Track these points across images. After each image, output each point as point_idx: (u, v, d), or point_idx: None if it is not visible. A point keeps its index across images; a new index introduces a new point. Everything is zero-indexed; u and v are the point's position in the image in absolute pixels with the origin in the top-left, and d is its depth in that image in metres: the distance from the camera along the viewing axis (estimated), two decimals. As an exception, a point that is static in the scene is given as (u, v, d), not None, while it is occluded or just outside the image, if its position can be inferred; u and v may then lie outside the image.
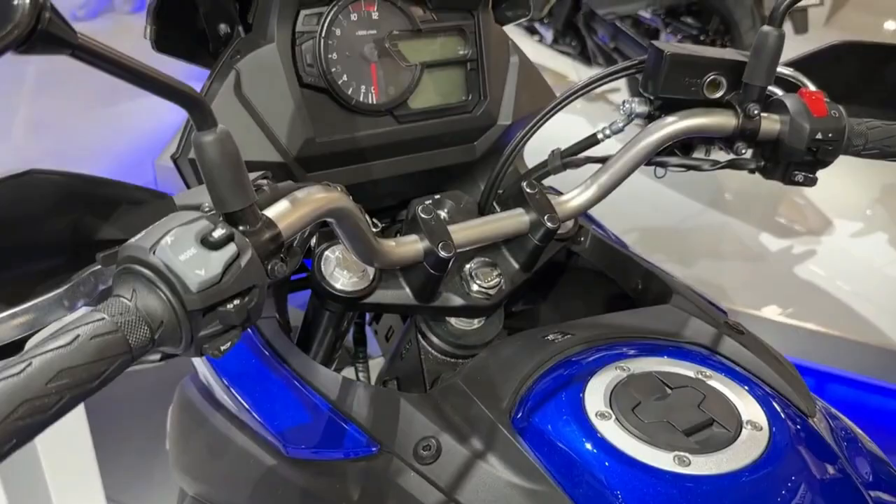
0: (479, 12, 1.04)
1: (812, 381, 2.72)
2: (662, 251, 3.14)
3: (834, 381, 2.72)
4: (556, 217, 0.89)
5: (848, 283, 2.94)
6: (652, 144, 0.90)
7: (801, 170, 0.90)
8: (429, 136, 1.04)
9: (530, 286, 1.04)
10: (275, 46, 0.91)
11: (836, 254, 3.12)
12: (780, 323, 2.79)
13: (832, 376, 2.72)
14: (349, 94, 0.96)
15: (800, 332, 2.76)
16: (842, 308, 2.83)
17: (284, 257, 0.65)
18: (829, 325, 2.74)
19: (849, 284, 2.93)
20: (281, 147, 0.92)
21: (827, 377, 2.72)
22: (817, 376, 2.73)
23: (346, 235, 0.74)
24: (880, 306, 2.81)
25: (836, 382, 2.72)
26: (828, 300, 2.87)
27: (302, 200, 0.64)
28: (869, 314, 2.79)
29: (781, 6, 0.82)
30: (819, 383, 2.72)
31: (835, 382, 2.72)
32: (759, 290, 2.94)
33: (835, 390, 2.71)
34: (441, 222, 0.84)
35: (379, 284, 0.87)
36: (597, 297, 1.14)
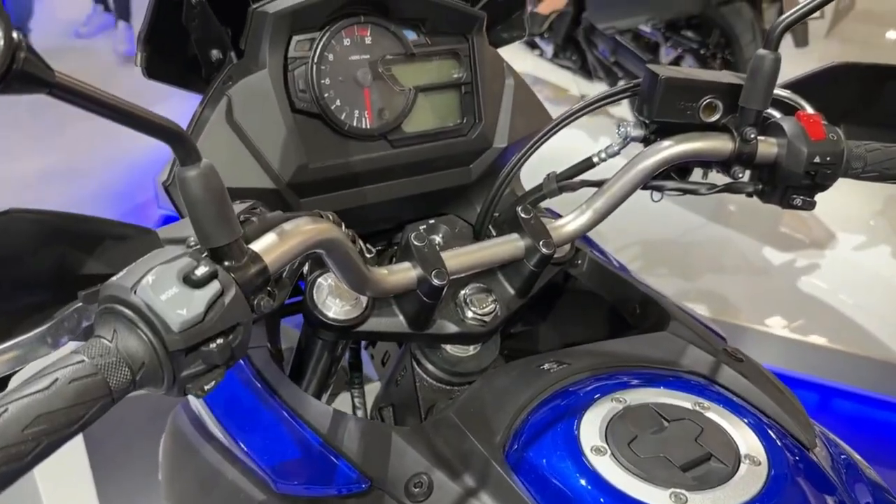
0: (473, 35, 1.03)
1: (816, 396, 2.69)
2: (664, 264, 3.12)
3: (838, 396, 2.69)
4: (551, 242, 0.88)
5: (851, 296, 2.92)
6: (648, 169, 0.89)
7: (799, 193, 0.88)
8: (423, 160, 1.03)
9: (529, 308, 1.03)
10: (266, 72, 0.90)
11: (838, 266, 3.10)
12: (783, 338, 2.77)
13: (836, 391, 2.69)
14: (342, 120, 0.95)
15: (803, 346, 2.74)
16: (845, 322, 2.81)
17: (272, 290, 0.64)
18: (832, 339, 2.72)
19: (852, 298, 2.91)
20: (274, 173, 0.91)
21: (831, 392, 2.70)
22: (821, 391, 2.71)
23: (337, 266, 0.72)
24: (884, 320, 2.79)
25: (840, 397, 2.69)
26: (831, 314, 2.85)
27: (289, 233, 0.63)
28: (873, 328, 2.77)
29: (777, 29, 0.82)
30: (823, 398, 2.70)
31: (839, 397, 2.69)
32: (761, 304, 2.92)
33: (839, 405, 2.68)
34: (434, 249, 0.82)
35: (372, 312, 0.85)
36: (595, 319, 1.13)
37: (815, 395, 2.71)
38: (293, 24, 0.90)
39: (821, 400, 2.70)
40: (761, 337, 2.79)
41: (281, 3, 0.90)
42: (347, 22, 0.95)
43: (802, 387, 2.70)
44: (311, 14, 0.91)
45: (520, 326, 1.23)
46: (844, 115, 1.03)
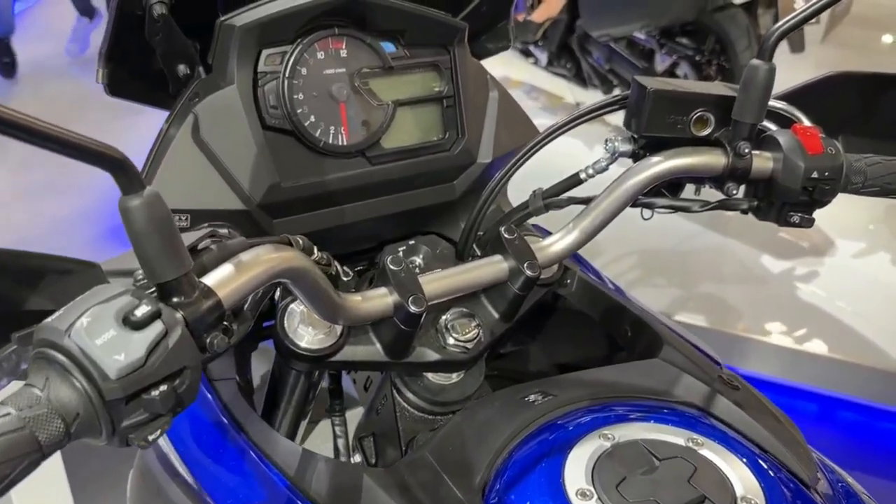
0: (455, 47, 0.99)
1: (816, 407, 2.66)
2: (660, 273, 3.08)
3: (840, 407, 2.65)
4: (535, 264, 0.83)
5: (851, 304, 2.87)
6: (637, 185, 0.84)
7: (796, 210, 0.84)
8: (404, 177, 0.99)
9: (518, 327, 0.99)
10: (235, 88, 0.86)
11: (838, 274, 3.05)
12: (782, 347, 2.72)
13: (837, 401, 2.65)
14: (317, 136, 0.91)
15: (803, 356, 2.69)
16: (846, 331, 2.76)
17: (229, 326, 0.59)
18: (832, 348, 2.67)
19: (852, 306, 2.86)
20: (243, 194, 0.86)
21: (831, 402, 2.66)
22: (821, 401, 2.67)
23: (304, 295, 0.68)
24: (885, 329, 2.74)
25: (840, 408, 2.65)
26: (831, 323, 2.80)
27: (247, 264, 0.59)
28: (874, 337, 2.73)
29: (771, 38, 0.77)
30: (823, 409, 2.65)
31: (839, 408, 2.65)
32: (759, 313, 2.87)
33: (841, 416, 2.64)
34: (412, 274, 0.78)
35: (347, 340, 0.81)
36: (587, 339, 1.08)
37: (816, 406, 2.67)
38: (262, 36, 0.86)
39: (821, 410, 2.66)
40: (760, 347, 2.75)
41: (249, 16, 0.85)
42: (321, 34, 0.90)
43: (802, 397, 2.67)
44: (282, 26, 0.87)
45: (509, 346, 1.19)
46: (842, 127, 0.99)
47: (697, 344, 0.91)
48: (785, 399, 2.67)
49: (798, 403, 2.66)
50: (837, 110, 0.96)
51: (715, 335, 2.76)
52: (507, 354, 1.19)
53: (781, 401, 2.63)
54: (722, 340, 2.75)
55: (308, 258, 0.66)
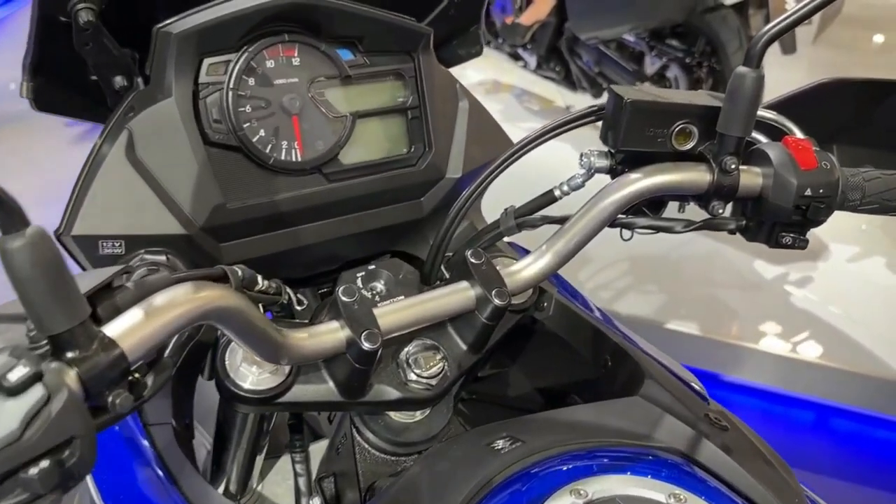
0: (419, 54, 0.92)
1: (812, 415, 2.61)
2: (653, 280, 3.01)
3: (837, 416, 2.60)
4: (504, 292, 0.76)
5: (848, 310, 2.82)
6: (615, 204, 0.77)
7: (788, 231, 0.77)
8: (366, 195, 0.91)
9: (497, 348, 0.91)
10: (173, 101, 0.78)
11: (834, 279, 3.00)
12: (778, 356, 2.66)
13: (833, 410, 2.60)
14: (267, 153, 0.83)
15: (798, 364, 2.63)
16: (842, 338, 2.71)
17: (140, 379, 0.51)
18: (828, 356, 2.62)
19: (848, 312, 2.81)
20: (184, 217, 0.79)
21: (828, 411, 2.61)
22: (818, 410, 2.61)
23: (238, 337, 0.60)
24: (882, 336, 2.69)
25: (839, 417, 2.60)
26: (826, 330, 2.75)
27: (159, 308, 0.51)
28: (870, 344, 2.67)
29: (758, 44, 0.70)
30: (819, 417, 2.60)
31: (838, 417, 2.60)
32: (754, 320, 2.81)
33: (838, 425, 2.59)
34: (366, 306, 0.70)
35: (297, 379, 0.73)
36: (566, 363, 1.01)
37: (812, 415, 2.62)
38: (202, 44, 0.79)
39: (817, 419, 2.61)
40: (754, 355, 2.69)
41: (188, 22, 0.78)
42: (269, 41, 0.83)
43: (798, 406, 2.61)
44: (224, 33, 0.79)
45: (487, 369, 1.11)
46: (836, 136, 0.92)
47: (683, 376, 0.84)
48: (780, 408, 2.62)
49: (793, 412, 2.61)
50: (831, 119, 0.89)
51: (707, 343, 2.71)
52: (485, 378, 1.12)
53: (776, 409, 2.60)
54: (715, 348, 2.70)
55: (239, 294, 0.59)
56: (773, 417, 2.61)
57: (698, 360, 2.71)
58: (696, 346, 2.73)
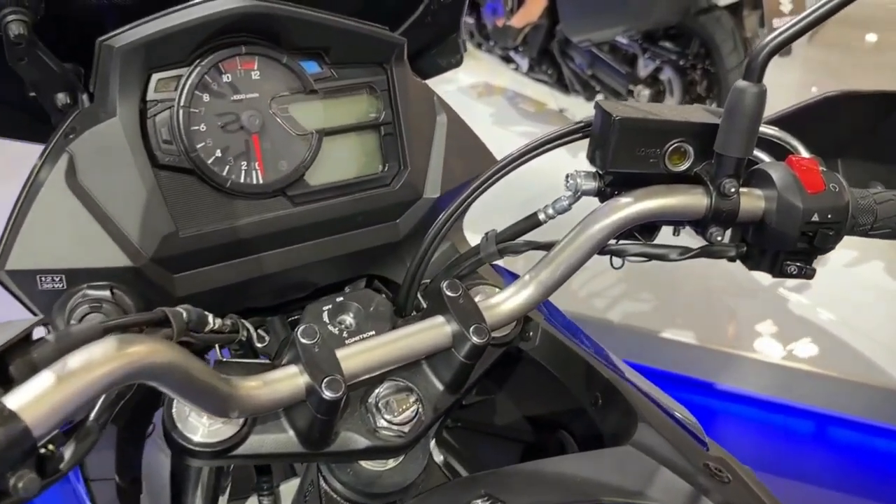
0: (392, 65, 0.85)
1: (812, 425, 2.55)
2: (649, 289, 2.95)
3: (836, 425, 2.55)
4: (483, 328, 0.69)
5: (846, 318, 2.77)
6: (604, 231, 0.70)
7: (794, 260, 0.70)
8: (336, 218, 0.84)
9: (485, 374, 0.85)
10: (117, 121, 0.71)
11: (833, 286, 2.94)
12: (776, 365, 2.61)
13: (834, 419, 2.55)
14: (223, 175, 0.76)
15: (796, 373, 2.59)
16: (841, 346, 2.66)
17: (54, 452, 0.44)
18: (827, 365, 2.57)
19: (847, 320, 2.76)
20: (132, 248, 0.72)
21: (828, 420, 2.56)
22: (818, 420, 2.56)
23: (177, 394, 0.53)
24: (881, 343, 2.64)
25: (838, 426, 2.55)
26: (826, 338, 2.70)
27: (75, 371, 0.44)
28: (871, 353, 2.62)
29: (759, 56, 0.63)
30: (819, 427, 2.55)
31: (837, 426, 2.55)
32: (752, 328, 2.76)
33: (837, 434, 2.54)
34: (328, 348, 0.64)
35: (253, 429, 0.66)
36: (556, 393, 0.94)
37: (811, 424, 2.57)
38: (149, 58, 0.72)
39: (818, 429, 2.56)
40: (752, 364, 2.64)
41: (134, 34, 0.71)
42: (225, 53, 0.76)
43: (796, 415, 2.56)
44: (174, 45, 0.72)
45: (474, 395, 1.04)
46: (842, 151, 0.85)
47: (680, 417, 0.77)
48: (777, 416, 2.57)
49: (792, 422, 2.56)
50: (837, 134, 0.82)
51: (705, 352, 2.65)
52: (472, 406, 1.05)
53: (774, 418, 2.54)
54: (713, 358, 2.65)
55: (174, 347, 0.52)
56: (770, 426, 2.56)
57: (694, 369, 2.66)
58: (692, 355, 2.68)
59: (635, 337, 2.74)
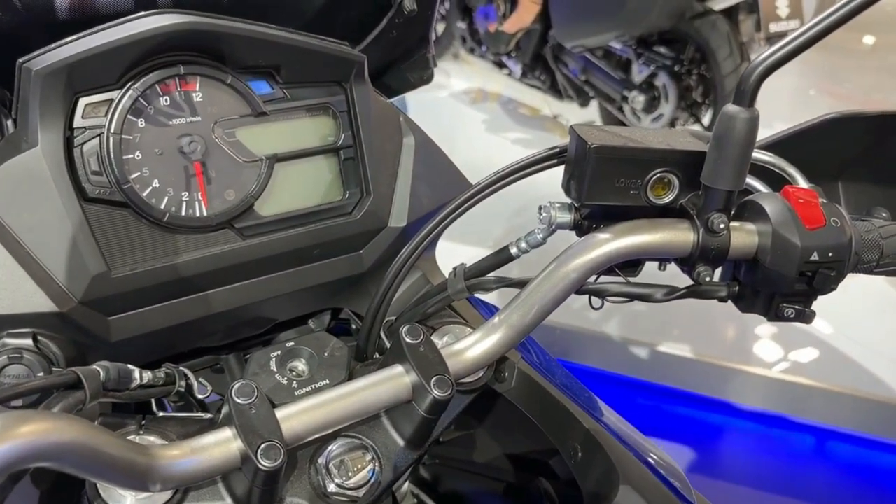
0: (352, 84, 0.78)
1: (812, 440, 2.49)
2: (643, 301, 2.88)
3: (835, 440, 2.50)
4: (446, 380, 0.62)
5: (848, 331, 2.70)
6: (581, 269, 0.63)
7: (791, 302, 0.63)
8: (292, 251, 0.77)
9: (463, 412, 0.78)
10: (39, 151, 0.64)
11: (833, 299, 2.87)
12: (774, 379, 2.55)
13: (834, 434, 2.50)
14: (161, 209, 0.69)
15: (796, 388, 2.53)
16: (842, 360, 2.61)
17: None
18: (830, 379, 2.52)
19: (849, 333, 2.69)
20: (58, 291, 0.64)
21: (828, 435, 2.50)
22: (818, 434, 2.50)
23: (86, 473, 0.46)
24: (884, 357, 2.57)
25: (837, 440, 2.50)
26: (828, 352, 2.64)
27: None
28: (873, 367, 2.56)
29: (751, 78, 0.56)
30: (819, 442, 2.49)
31: (836, 440, 2.50)
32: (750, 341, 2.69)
33: (837, 449, 2.48)
34: (266, 408, 0.56)
35: (186, 496, 0.59)
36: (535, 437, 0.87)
37: (812, 439, 2.51)
38: (75, 81, 0.65)
39: (817, 444, 2.49)
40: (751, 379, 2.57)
41: (56, 55, 0.64)
42: (161, 74, 0.69)
43: (798, 430, 2.50)
44: (102, 67, 0.65)
45: (452, 431, 0.97)
46: (842, 174, 0.79)
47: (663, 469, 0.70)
48: (778, 431, 2.51)
49: (793, 437, 2.50)
50: (837, 156, 0.75)
51: (705, 367, 2.59)
52: (450, 442, 0.98)
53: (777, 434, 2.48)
54: (713, 372, 2.59)
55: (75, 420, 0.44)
56: (769, 441, 2.50)
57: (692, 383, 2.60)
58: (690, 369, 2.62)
59: (633, 350, 2.68)
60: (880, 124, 0.74)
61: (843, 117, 0.71)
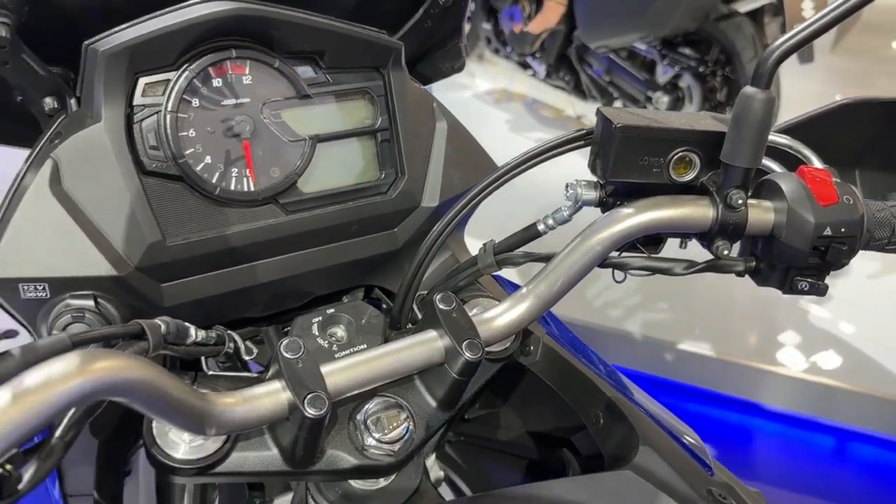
0: (389, 70, 0.82)
1: (833, 441, 2.49)
2: (663, 297, 2.90)
3: (856, 440, 2.49)
4: (477, 344, 0.66)
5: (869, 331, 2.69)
6: (605, 243, 0.67)
7: (805, 276, 0.67)
8: (331, 227, 0.82)
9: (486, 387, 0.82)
10: (102, 126, 0.69)
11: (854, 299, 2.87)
12: (795, 379, 2.55)
13: (855, 435, 2.50)
14: (213, 182, 0.74)
15: (817, 388, 2.52)
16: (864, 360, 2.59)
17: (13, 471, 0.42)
18: (850, 379, 2.51)
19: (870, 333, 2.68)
20: (117, 256, 0.70)
21: (849, 436, 2.50)
22: (838, 435, 2.50)
23: (149, 410, 0.51)
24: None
25: (858, 441, 2.49)
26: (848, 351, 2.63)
27: (34, 388, 0.42)
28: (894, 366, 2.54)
29: (768, 61, 0.60)
30: (842, 443, 2.49)
31: (857, 441, 2.49)
32: (770, 340, 2.69)
33: (858, 450, 2.47)
34: (312, 362, 0.61)
35: (236, 445, 0.64)
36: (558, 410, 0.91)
37: (832, 440, 2.51)
38: (136, 62, 0.70)
39: (838, 445, 2.49)
40: (771, 379, 2.57)
41: (119, 37, 0.69)
42: (215, 57, 0.74)
43: (818, 430, 2.50)
44: (161, 49, 0.70)
45: (477, 409, 1.02)
46: (858, 161, 0.82)
47: (685, 439, 0.74)
48: (798, 432, 2.51)
49: (813, 437, 2.50)
50: (852, 143, 0.79)
51: (723, 365, 2.60)
52: (474, 419, 1.02)
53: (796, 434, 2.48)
54: (730, 370, 2.60)
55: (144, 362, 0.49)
56: (788, 442, 2.51)
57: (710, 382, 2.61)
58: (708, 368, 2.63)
59: (650, 348, 2.69)
60: (893, 110, 0.77)
61: (855, 103, 0.75)
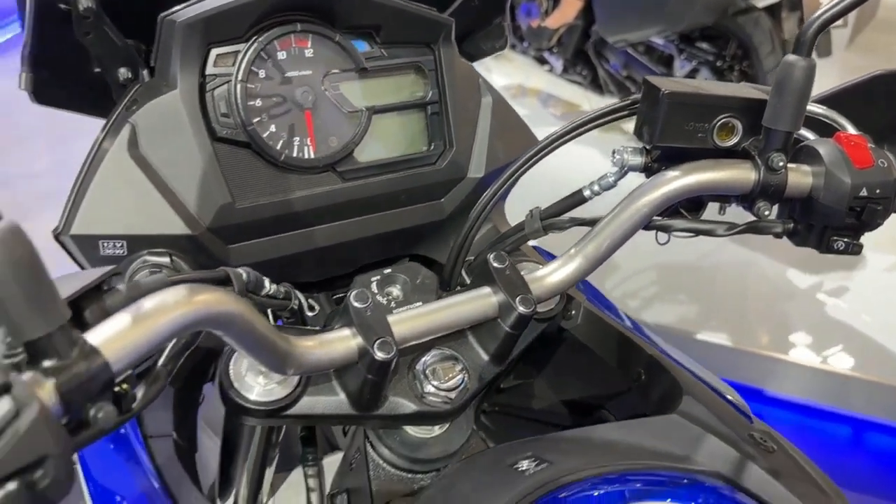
0: (440, 46, 0.86)
1: (849, 430, 2.51)
2: (681, 289, 2.93)
3: (874, 430, 2.51)
4: (530, 299, 0.70)
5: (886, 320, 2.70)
6: (651, 205, 0.71)
7: (841, 235, 0.70)
8: (383, 195, 0.86)
9: (522, 357, 0.86)
10: (177, 93, 0.74)
11: (871, 287, 2.89)
12: (811, 368, 2.57)
13: (870, 424, 2.51)
14: (277, 149, 0.79)
15: (835, 377, 2.54)
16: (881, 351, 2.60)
17: (128, 391, 0.47)
18: (867, 369, 2.53)
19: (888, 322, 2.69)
20: (190, 216, 0.74)
21: (864, 425, 2.51)
22: (855, 425, 2.52)
23: (239, 344, 0.55)
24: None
25: (874, 431, 2.50)
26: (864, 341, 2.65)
27: (147, 313, 0.46)
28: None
29: (809, 30, 0.64)
30: (857, 432, 2.51)
31: (873, 431, 2.50)
32: (787, 330, 2.71)
33: (874, 440, 2.49)
34: (380, 312, 0.65)
35: (306, 390, 0.68)
36: (598, 375, 0.95)
37: (849, 430, 2.53)
38: (209, 33, 0.74)
39: (855, 435, 2.51)
40: (788, 368, 2.60)
41: (194, 10, 0.74)
42: (281, 31, 0.78)
43: (835, 420, 2.52)
44: (232, 22, 0.75)
45: (511, 380, 1.06)
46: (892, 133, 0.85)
47: (724, 393, 0.78)
48: (815, 422, 2.53)
49: (830, 427, 2.52)
50: (886, 115, 0.82)
51: (740, 355, 2.63)
52: (510, 389, 1.06)
53: (812, 424, 2.51)
54: (748, 361, 2.62)
55: (240, 299, 0.54)
56: (808, 432, 2.53)
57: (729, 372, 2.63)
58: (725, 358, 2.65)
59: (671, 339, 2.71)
60: None
61: (888, 74, 0.78)
